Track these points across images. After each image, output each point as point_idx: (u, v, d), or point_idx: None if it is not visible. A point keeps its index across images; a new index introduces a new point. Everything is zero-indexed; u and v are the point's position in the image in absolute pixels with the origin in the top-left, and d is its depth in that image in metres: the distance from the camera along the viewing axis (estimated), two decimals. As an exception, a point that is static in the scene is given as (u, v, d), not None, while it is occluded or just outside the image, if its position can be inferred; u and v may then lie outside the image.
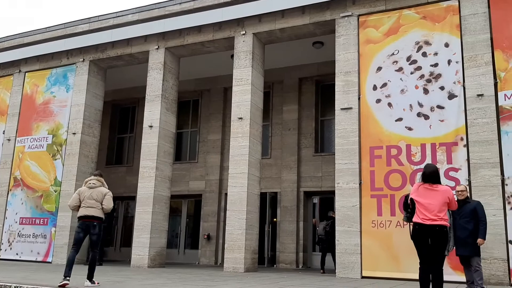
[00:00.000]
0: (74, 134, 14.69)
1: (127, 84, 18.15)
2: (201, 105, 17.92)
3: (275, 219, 15.64)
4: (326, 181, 14.77)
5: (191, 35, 13.64)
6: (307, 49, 14.51)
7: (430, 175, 5.63)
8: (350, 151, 10.84)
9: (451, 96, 10.21)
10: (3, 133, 16.05)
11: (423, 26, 10.81)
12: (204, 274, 10.46)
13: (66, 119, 15.04)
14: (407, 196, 5.97)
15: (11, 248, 14.81)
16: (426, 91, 10.46)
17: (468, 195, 7.76)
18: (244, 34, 12.84)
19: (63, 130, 14.98)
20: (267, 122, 16.11)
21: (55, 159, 14.87)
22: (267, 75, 14.41)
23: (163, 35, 14.01)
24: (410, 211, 5.78)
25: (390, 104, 10.73)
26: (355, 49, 11.37)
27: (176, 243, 17.48)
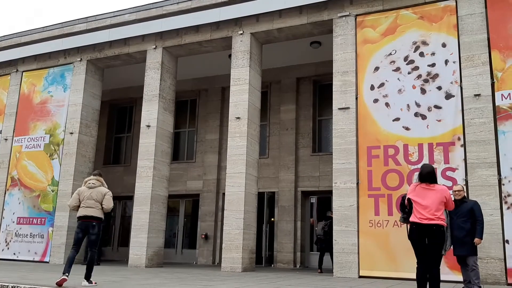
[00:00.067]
0: (71, 133, 14.67)
1: (124, 83, 18.13)
2: (198, 104, 17.91)
3: (272, 219, 15.66)
4: (324, 180, 14.79)
5: (189, 34, 13.64)
6: (305, 49, 14.52)
7: (427, 175, 5.65)
8: (347, 151, 10.86)
9: (448, 96, 10.23)
10: (0, 132, 16.01)
11: (420, 26, 10.83)
12: (201, 274, 10.46)
13: (63, 118, 15.02)
14: (404, 197, 5.99)
15: (8, 248, 14.79)
16: (423, 91, 10.48)
17: (465, 195, 7.79)
18: (241, 34, 12.85)
19: (61, 130, 14.96)
20: (265, 122, 16.11)
21: (53, 159, 14.85)
22: (264, 75, 14.42)
23: (161, 35, 14.00)
24: (407, 211, 5.80)
25: (387, 104, 10.75)
26: (352, 49, 11.39)
27: (174, 243, 17.47)
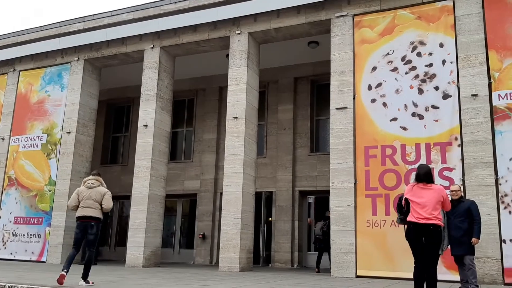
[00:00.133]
0: (68, 133, 14.64)
1: (122, 83, 18.10)
2: (196, 104, 17.89)
3: (270, 219, 15.66)
4: (321, 180, 14.79)
5: (187, 34, 13.62)
6: (303, 48, 14.52)
7: (424, 175, 5.66)
8: (345, 151, 10.86)
9: (445, 96, 10.25)
10: (-3, 132, 15.99)
11: (418, 26, 10.84)
12: (199, 274, 10.45)
13: (60, 118, 14.98)
14: (401, 197, 6.00)
15: (5, 248, 14.75)
16: (420, 91, 10.50)
17: (462, 195, 7.80)
18: (239, 34, 12.84)
19: (58, 129, 14.93)
20: (263, 121, 16.11)
21: (50, 159, 14.82)
22: (262, 75, 14.42)
23: (158, 34, 13.98)
24: (404, 211, 5.81)
25: (385, 104, 10.76)
26: (350, 49, 11.39)
27: (171, 243, 17.45)
